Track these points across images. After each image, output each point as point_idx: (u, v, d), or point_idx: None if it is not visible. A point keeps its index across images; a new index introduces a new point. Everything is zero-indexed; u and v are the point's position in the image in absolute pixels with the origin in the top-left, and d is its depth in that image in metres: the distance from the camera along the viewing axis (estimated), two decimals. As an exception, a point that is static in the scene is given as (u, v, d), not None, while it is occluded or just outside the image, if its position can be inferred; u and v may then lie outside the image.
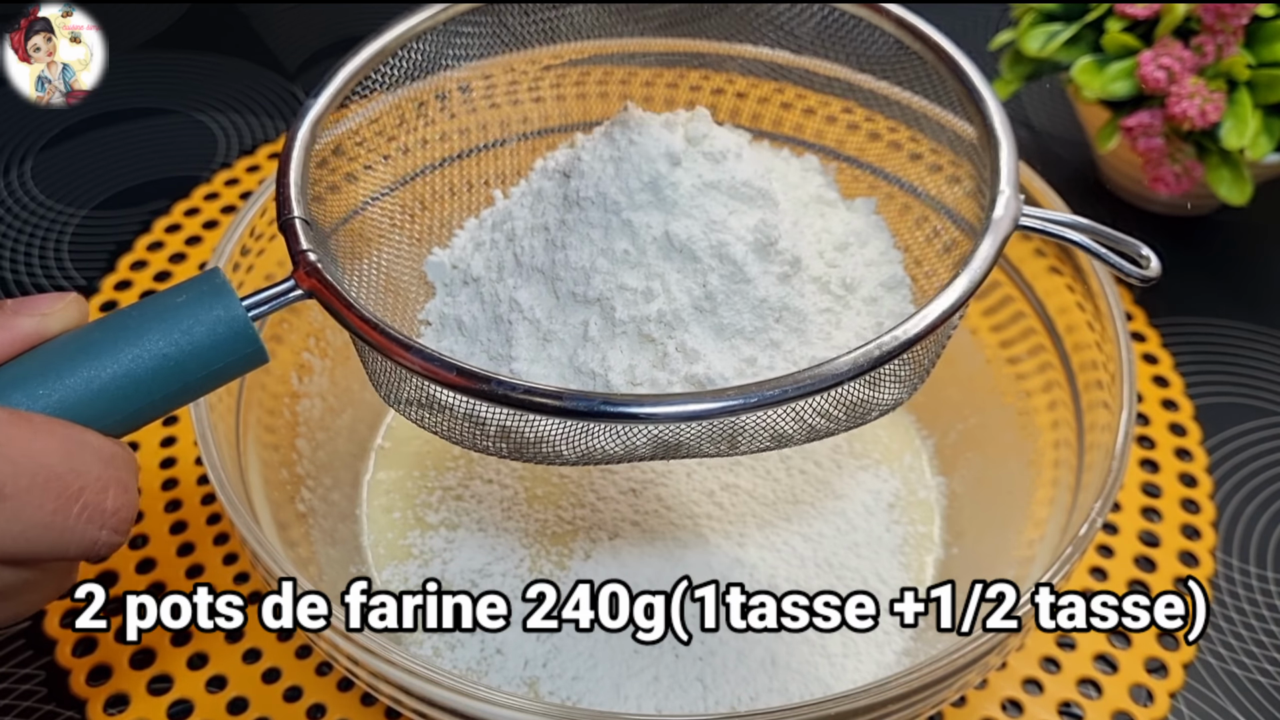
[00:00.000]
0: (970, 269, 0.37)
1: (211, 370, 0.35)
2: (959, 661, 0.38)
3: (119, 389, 0.34)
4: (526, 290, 0.41)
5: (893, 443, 0.56)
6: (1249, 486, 0.56)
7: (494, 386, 0.34)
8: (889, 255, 0.44)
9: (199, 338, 0.35)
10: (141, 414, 0.35)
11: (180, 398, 0.35)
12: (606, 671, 0.47)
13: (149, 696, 0.47)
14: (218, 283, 0.36)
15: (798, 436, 0.37)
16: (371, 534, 0.52)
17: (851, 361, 0.35)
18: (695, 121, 0.41)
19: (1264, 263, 0.66)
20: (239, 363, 0.36)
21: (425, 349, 0.35)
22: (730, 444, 0.37)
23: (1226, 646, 0.50)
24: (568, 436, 0.36)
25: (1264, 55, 0.57)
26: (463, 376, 0.34)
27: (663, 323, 0.39)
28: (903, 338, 0.35)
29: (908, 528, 0.53)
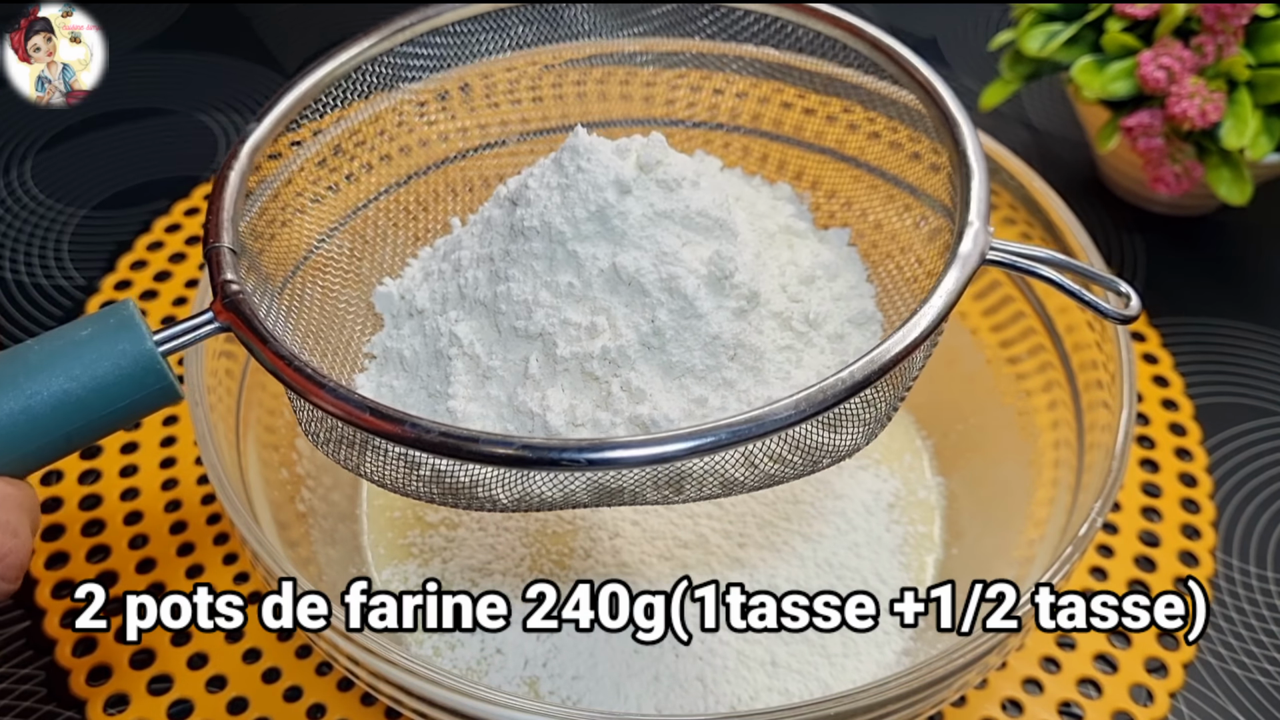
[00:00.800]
0: (932, 304, 0.35)
1: (117, 408, 0.34)
2: (959, 661, 0.38)
3: (15, 426, 0.32)
4: (468, 324, 0.39)
5: (893, 443, 0.56)
6: (1249, 486, 0.56)
7: (407, 429, 0.32)
8: (859, 289, 0.43)
9: (103, 373, 0.33)
10: (42, 452, 0.33)
11: (85, 434, 0.34)
12: (606, 671, 0.47)
13: (149, 696, 0.47)
14: (125, 315, 0.34)
15: (749, 483, 0.36)
16: (371, 534, 0.52)
17: (797, 403, 0.33)
18: (649, 148, 0.39)
19: (1264, 263, 0.66)
20: (147, 399, 0.34)
21: (339, 388, 0.33)
22: (676, 490, 0.35)
23: (1226, 646, 0.50)
24: (502, 481, 0.35)
25: (1264, 55, 0.57)
26: (377, 418, 0.33)
27: (607, 360, 0.37)
28: (857, 377, 0.34)
29: (908, 528, 0.53)
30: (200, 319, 0.35)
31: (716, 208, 0.39)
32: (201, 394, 0.43)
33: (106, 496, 0.53)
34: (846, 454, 0.37)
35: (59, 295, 0.61)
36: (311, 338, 0.41)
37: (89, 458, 0.54)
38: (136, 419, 0.35)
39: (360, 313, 0.44)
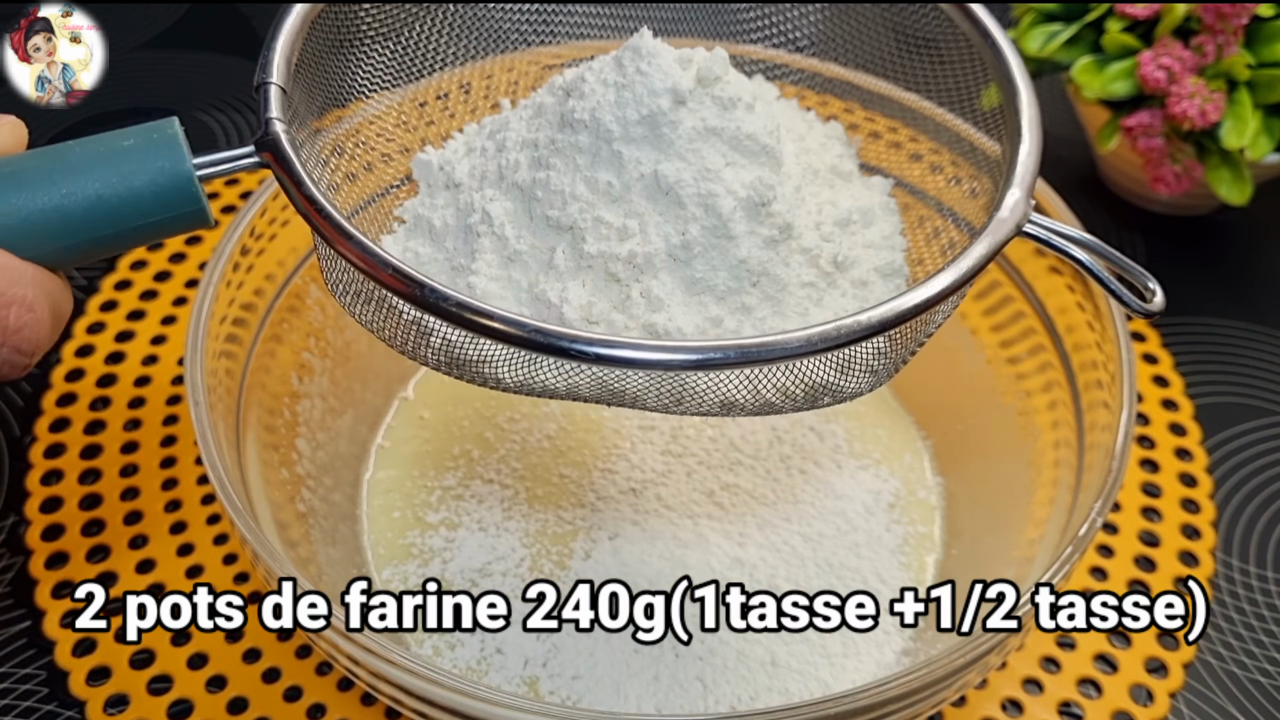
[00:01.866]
0: (958, 264, 0.35)
1: (147, 222, 0.34)
2: (959, 661, 0.38)
3: (47, 221, 0.33)
4: (502, 204, 0.39)
5: (893, 443, 0.56)
6: (1249, 486, 0.56)
7: (427, 294, 0.33)
8: (892, 241, 0.42)
9: (139, 186, 0.34)
10: (67, 252, 0.34)
11: (112, 243, 0.34)
12: (606, 671, 0.47)
13: (149, 697, 0.47)
14: (169, 133, 0.35)
15: (748, 407, 0.36)
16: (371, 534, 0.52)
17: (810, 337, 0.33)
18: (711, 62, 0.38)
19: (1264, 263, 0.66)
20: (178, 220, 0.35)
21: (363, 240, 0.33)
22: (676, 401, 0.36)
23: (1226, 646, 0.50)
24: (509, 362, 0.35)
25: (1264, 55, 0.57)
26: (396, 277, 0.33)
27: (632, 264, 0.37)
28: (873, 321, 0.34)
29: (908, 528, 0.53)
30: (241, 150, 0.36)
31: (766, 134, 0.38)
32: (201, 394, 0.43)
33: (106, 496, 0.53)
34: (848, 397, 0.37)
35: (59, 295, 0.61)
36: (344, 191, 0.41)
37: (88, 458, 0.54)
38: (164, 237, 0.36)
39: (396, 177, 0.43)
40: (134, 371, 0.58)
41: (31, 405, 0.56)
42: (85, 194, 0.33)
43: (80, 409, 0.56)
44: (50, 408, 0.56)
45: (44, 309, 0.33)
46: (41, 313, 0.33)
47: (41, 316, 0.33)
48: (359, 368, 0.55)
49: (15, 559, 0.51)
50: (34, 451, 0.54)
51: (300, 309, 0.52)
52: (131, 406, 0.56)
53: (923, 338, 0.38)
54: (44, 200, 0.33)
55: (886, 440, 0.56)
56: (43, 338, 0.33)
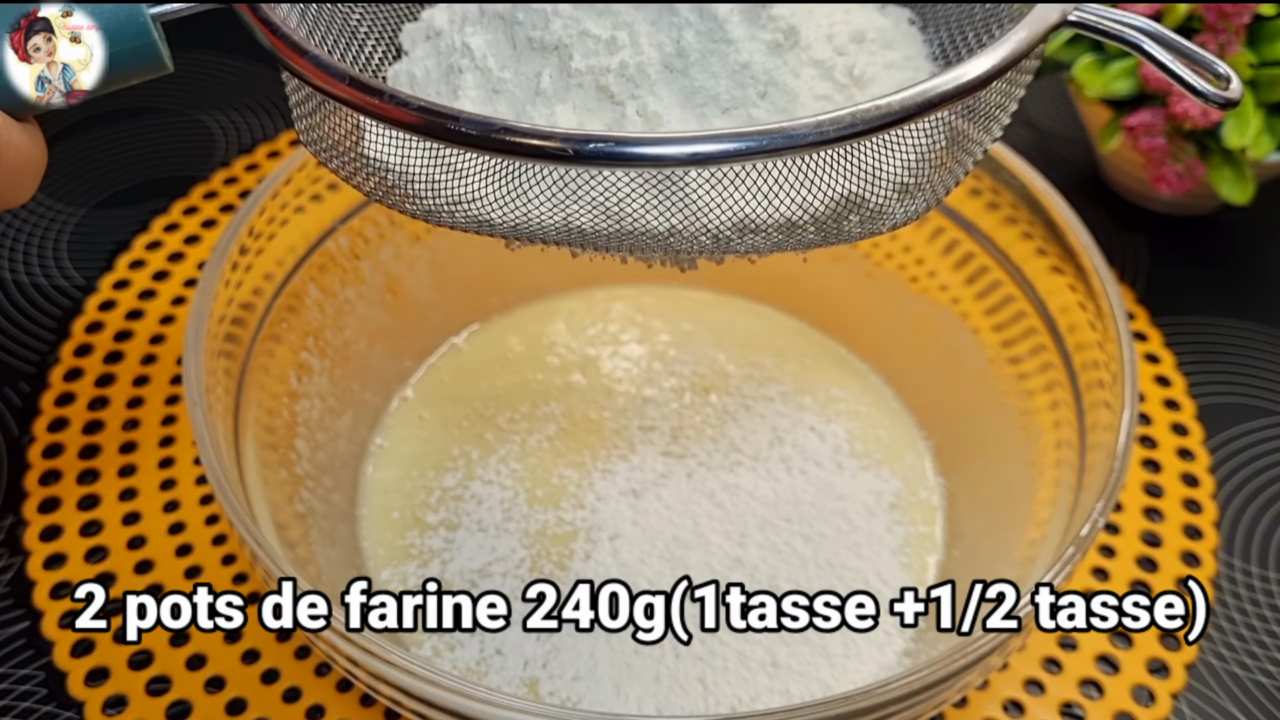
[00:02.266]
0: (995, 49, 0.31)
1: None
2: (960, 663, 0.38)
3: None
4: (482, 36, 0.37)
5: (894, 443, 0.56)
6: (1251, 486, 0.56)
7: (386, 100, 0.30)
8: (916, 64, 0.39)
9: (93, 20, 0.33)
10: (9, 92, 0.33)
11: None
12: (606, 672, 0.47)
13: (148, 697, 0.46)
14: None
15: (766, 225, 0.32)
16: (370, 535, 0.52)
17: (819, 124, 0.29)
18: None
19: (1266, 262, 0.66)
20: (129, 56, 0.33)
21: (322, 57, 0.31)
22: (683, 222, 0.32)
23: (1228, 647, 0.50)
24: (496, 194, 0.32)
25: (1266, 54, 0.57)
26: (356, 88, 0.30)
27: (625, 77, 0.34)
28: (891, 107, 0.30)
29: (909, 528, 0.52)
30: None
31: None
32: (200, 393, 0.43)
33: (105, 496, 0.52)
34: (882, 223, 0.33)
35: (58, 295, 0.61)
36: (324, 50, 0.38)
37: (86, 458, 0.54)
38: (117, 81, 0.34)
39: (380, 48, 0.41)
40: (132, 371, 0.57)
41: (30, 405, 0.56)
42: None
43: (78, 409, 0.56)
44: (48, 408, 0.56)
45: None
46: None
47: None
48: (358, 368, 0.55)
49: (14, 559, 0.51)
50: (32, 451, 0.54)
51: (299, 308, 0.52)
52: (130, 406, 0.56)
53: (961, 155, 0.34)
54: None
55: (888, 440, 0.56)
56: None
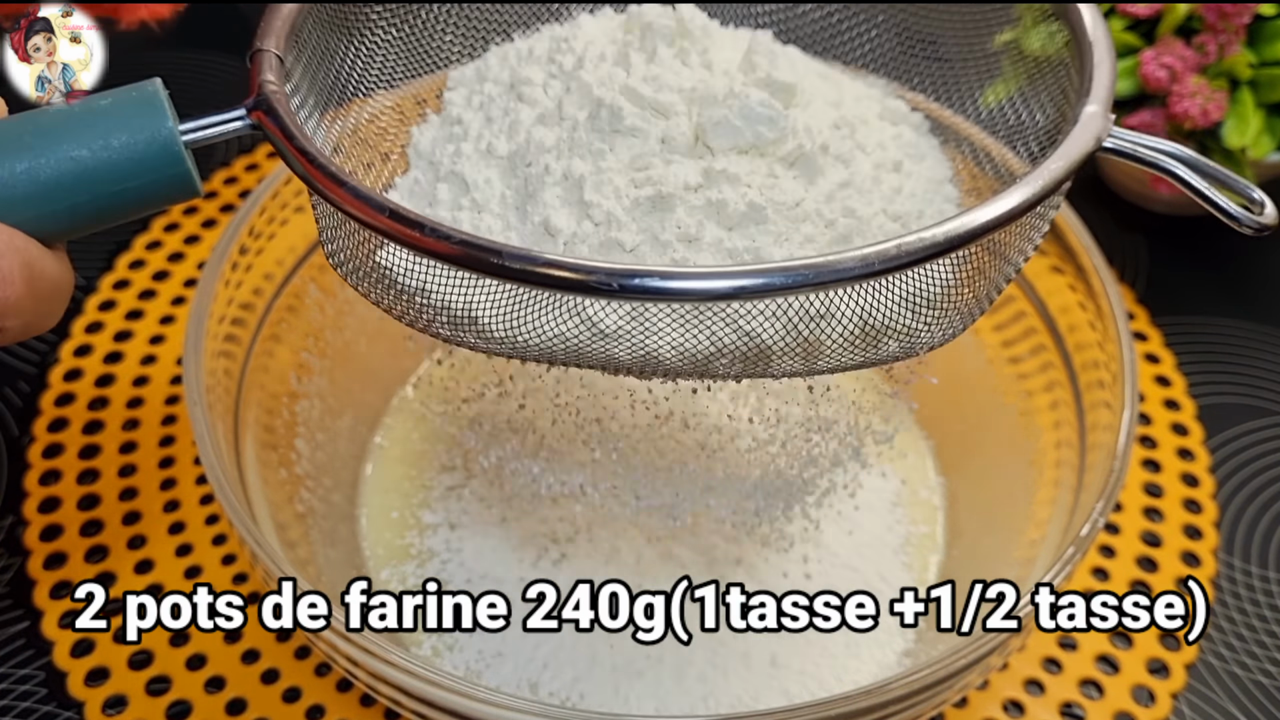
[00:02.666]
0: (1031, 180, 0.32)
1: (128, 186, 0.32)
2: (960, 663, 0.38)
3: (19, 186, 0.32)
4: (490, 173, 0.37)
5: (895, 442, 0.55)
6: (1251, 486, 0.56)
7: (426, 234, 0.30)
8: (945, 191, 0.39)
9: (117, 146, 0.32)
10: (45, 220, 0.32)
11: (94, 212, 0.33)
12: (606, 672, 0.47)
13: (147, 698, 0.46)
14: (149, 91, 0.33)
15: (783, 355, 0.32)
16: (369, 535, 0.52)
17: (862, 258, 0.29)
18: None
19: (1266, 263, 0.66)
20: (161, 186, 0.33)
21: (360, 186, 0.31)
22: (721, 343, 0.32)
23: (1228, 647, 0.50)
24: (521, 313, 0.32)
25: (1266, 54, 0.57)
26: (396, 220, 0.30)
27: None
28: (928, 241, 0.30)
29: (910, 528, 0.52)
30: (231, 113, 0.34)
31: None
32: (200, 393, 0.43)
33: (105, 496, 0.52)
34: (901, 350, 0.34)
35: (58, 295, 0.61)
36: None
37: (87, 458, 0.54)
38: (149, 207, 0.34)
39: (396, 174, 0.42)
40: (132, 371, 0.57)
41: (30, 405, 0.56)
42: (58, 156, 0.32)
43: (78, 409, 0.56)
44: (48, 408, 0.56)
45: (11, 265, 0.31)
46: (7, 269, 0.31)
47: (8, 273, 0.31)
48: (358, 368, 0.55)
49: (14, 559, 0.51)
50: (32, 452, 0.54)
51: (299, 308, 0.52)
52: (130, 406, 0.56)
53: (995, 276, 0.35)
54: (15, 164, 0.32)
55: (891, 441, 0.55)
56: (12, 296, 0.31)
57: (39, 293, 0.33)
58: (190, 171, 0.33)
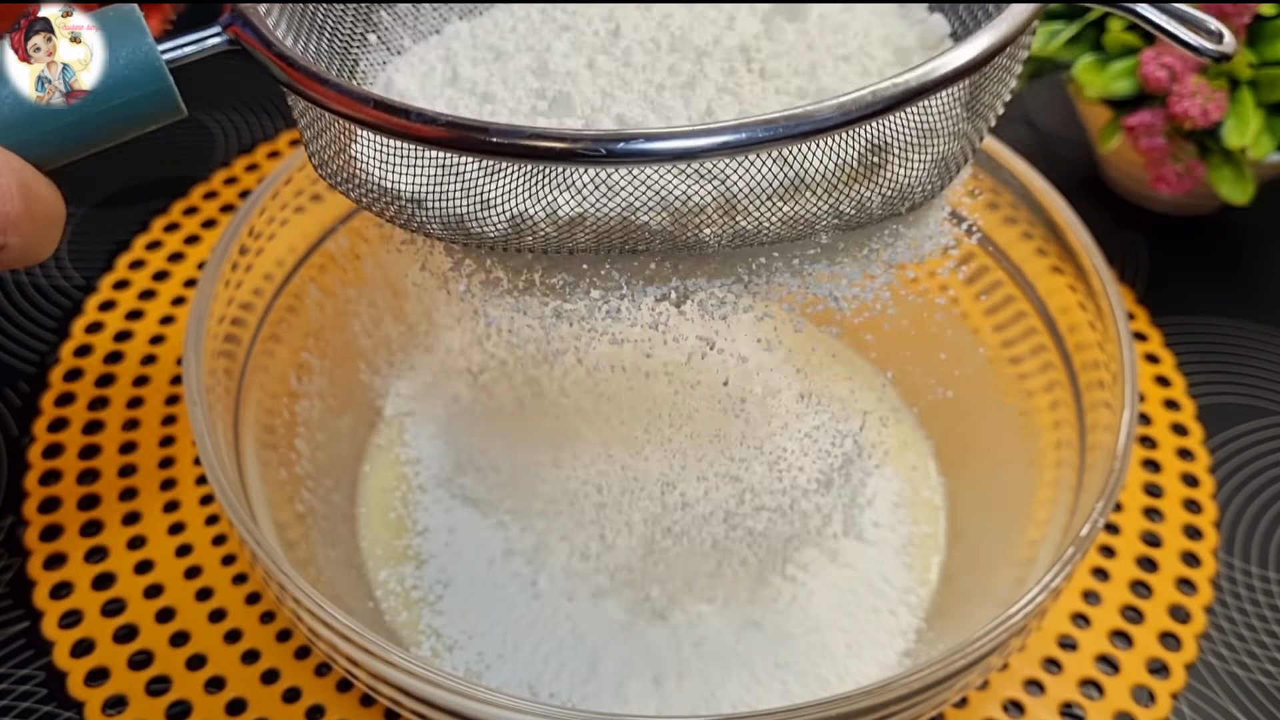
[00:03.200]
0: (996, 24, 0.32)
1: (112, 105, 0.33)
2: (960, 663, 0.38)
3: (6, 111, 0.33)
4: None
5: (896, 442, 0.56)
6: (1251, 486, 0.56)
7: (412, 119, 0.30)
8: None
9: (107, 69, 0.33)
10: (34, 144, 0.33)
11: (79, 132, 0.34)
12: (607, 672, 0.47)
13: (147, 698, 0.46)
14: (125, 10, 0.34)
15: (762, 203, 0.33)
16: (367, 535, 0.51)
17: (837, 107, 0.30)
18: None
19: (1266, 262, 0.66)
20: (144, 103, 0.34)
21: (342, 83, 0.32)
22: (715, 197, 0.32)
23: (1228, 647, 0.50)
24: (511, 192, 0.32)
25: (1266, 54, 0.57)
26: (381, 109, 0.31)
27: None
28: (925, 79, 0.31)
29: (911, 528, 0.52)
30: (207, 30, 0.34)
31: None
32: (200, 394, 0.43)
33: (104, 496, 0.52)
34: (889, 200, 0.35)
35: (58, 295, 0.61)
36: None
37: (86, 458, 0.54)
38: (134, 127, 0.35)
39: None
40: (132, 371, 0.57)
41: (29, 405, 0.56)
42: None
43: (78, 409, 0.56)
44: (48, 408, 0.56)
45: (9, 182, 0.32)
46: (5, 185, 0.32)
47: (6, 189, 0.32)
48: (358, 368, 0.55)
49: (13, 560, 0.51)
50: (32, 452, 0.54)
51: (299, 308, 0.52)
52: (130, 406, 0.56)
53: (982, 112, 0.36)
54: (1, 89, 0.33)
55: (892, 440, 0.55)
56: (12, 213, 0.32)
57: (35, 213, 0.33)
58: (173, 88, 0.34)
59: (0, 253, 0.32)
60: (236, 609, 0.49)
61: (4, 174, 0.32)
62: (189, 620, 0.48)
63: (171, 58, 0.34)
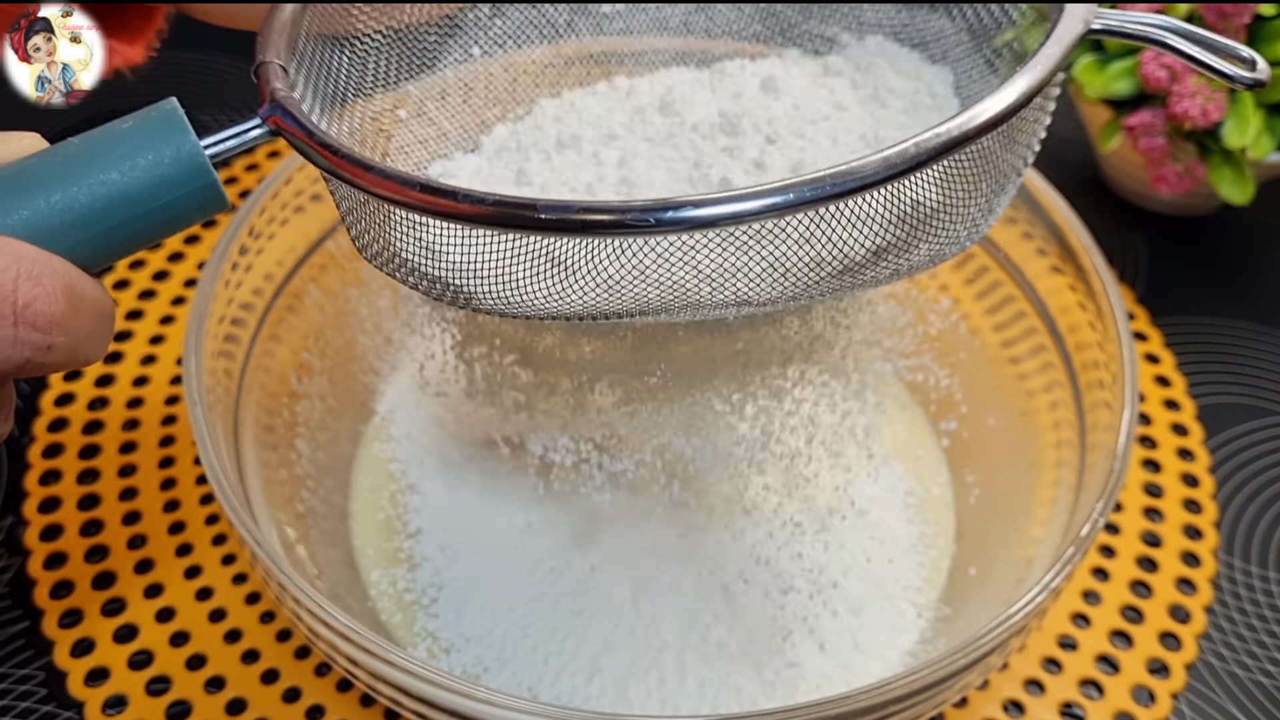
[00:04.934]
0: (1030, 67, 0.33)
1: (157, 204, 0.33)
2: (960, 663, 0.38)
3: (54, 217, 0.33)
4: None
5: (909, 439, 0.55)
6: (1251, 486, 0.56)
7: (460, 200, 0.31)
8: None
9: (143, 166, 0.33)
10: (82, 247, 0.33)
11: (127, 235, 0.34)
12: (609, 672, 0.47)
13: (147, 697, 0.46)
14: (167, 109, 0.34)
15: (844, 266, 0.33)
16: (359, 536, 0.51)
17: (882, 161, 0.30)
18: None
19: (1266, 262, 0.66)
20: (190, 199, 0.34)
21: (386, 167, 0.32)
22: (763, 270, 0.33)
23: (1228, 647, 0.50)
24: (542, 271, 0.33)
25: (1266, 54, 0.57)
26: (427, 192, 0.31)
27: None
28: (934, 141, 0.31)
29: (921, 527, 0.52)
30: (246, 123, 0.35)
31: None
32: (200, 394, 0.43)
33: (105, 497, 0.52)
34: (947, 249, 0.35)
35: (58, 295, 0.61)
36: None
37: (86, 458, 0.54)
38: (178, 224, 0.35)
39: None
40: (132, 371, 0.57)
41: (29, 405, 0.56)
42: (91, 182, 0.33)
43: (78, 409, 0.56)
44: (48, 408, 0.56)
45: (53, 283, 0.32)
46: (50, 286, 0.32)
47: (51, 290, 0.32)
48: (359, 368, 0.55)
49: (13, 559, 0.51)
50: (32, 452, 0.54)
51: (299, 308, 0.52)
52: (130, 407, 0.56)
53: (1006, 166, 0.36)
54: (50, 196, 0.32)
55: (904, 436, 0.55)
56: (57, 312, 0.32)
57: (81, 312, 0.33)
58: (217, 183, 0.34)
59: (48, 353, 0.33)
60: (237, 609, 0.49)
61: (48, 276, 0.32)
62: (189, 620, 0.49)
63: (214, 153, 0.34)
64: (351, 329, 0.54)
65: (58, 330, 0.32)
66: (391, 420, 0.55)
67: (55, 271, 0.32)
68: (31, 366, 0.32)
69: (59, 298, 0.32)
